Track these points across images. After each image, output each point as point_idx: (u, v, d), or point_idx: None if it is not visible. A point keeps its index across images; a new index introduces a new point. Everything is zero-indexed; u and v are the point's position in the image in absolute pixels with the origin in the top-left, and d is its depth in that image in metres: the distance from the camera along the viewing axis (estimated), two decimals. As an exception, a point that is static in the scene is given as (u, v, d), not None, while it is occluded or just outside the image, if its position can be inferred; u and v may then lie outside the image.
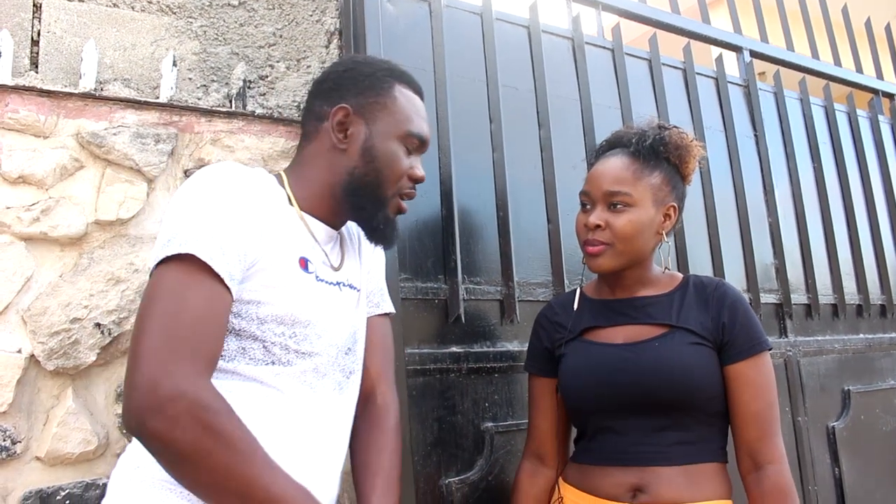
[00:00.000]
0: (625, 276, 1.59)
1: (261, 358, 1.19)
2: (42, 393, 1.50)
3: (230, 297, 1.13)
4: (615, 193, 1.53)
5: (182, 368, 1.03)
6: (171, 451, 1.02)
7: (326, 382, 1.29)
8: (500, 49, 2.23)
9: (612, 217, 1.53)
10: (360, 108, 1.34)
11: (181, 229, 1.11)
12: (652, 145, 1.56)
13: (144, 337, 1.04)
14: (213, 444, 1.02)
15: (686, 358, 1.48)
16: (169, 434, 1.00)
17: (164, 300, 1.07)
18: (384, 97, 1.35)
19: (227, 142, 1.76)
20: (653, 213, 1.54)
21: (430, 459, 1.81)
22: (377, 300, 1.51)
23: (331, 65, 1.47)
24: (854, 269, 3.11)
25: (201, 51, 1.82)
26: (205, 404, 1.03)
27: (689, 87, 2.73)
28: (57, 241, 1.54)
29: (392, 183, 1.35)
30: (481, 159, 2.12)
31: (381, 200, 1.35)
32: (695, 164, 1.62)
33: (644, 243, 1.55)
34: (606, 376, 1.52)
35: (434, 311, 1.92)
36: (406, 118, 1.36)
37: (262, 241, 1.19)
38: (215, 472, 1.03)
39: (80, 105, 1.61)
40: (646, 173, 1.55)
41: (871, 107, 3.52)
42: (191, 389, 1.02)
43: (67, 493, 1.47)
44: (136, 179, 1.64)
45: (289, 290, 1.22)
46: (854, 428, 2.79)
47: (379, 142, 1.34)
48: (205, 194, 1.16)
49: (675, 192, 1.59)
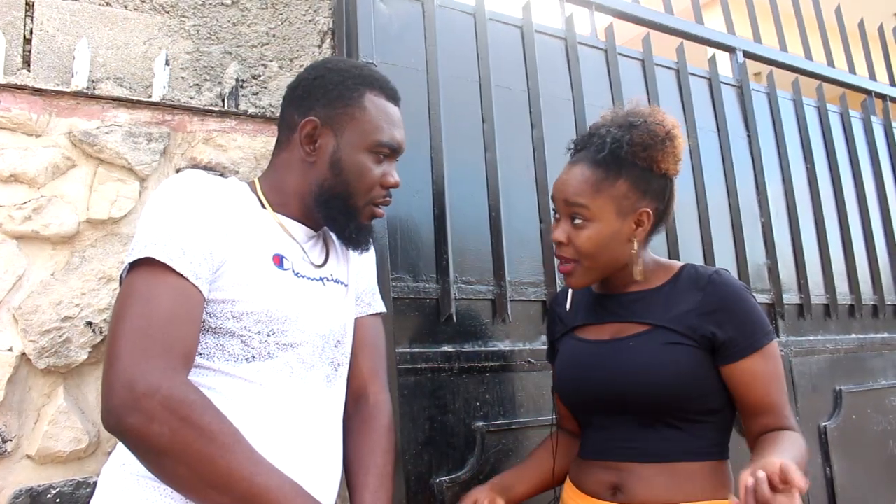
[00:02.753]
0: (614, 275, 1.54)
1: (240, 354, 1.20)
2: (33, 391, 1.50)
3: (200, 294, 1.15)
4: (573, 205, 1.47)
5: (156, 365, 1.05)
6: (149, 447, 1.04)
7: (315, 374, 1.29)
8: (493, 49, 2.23)
9: (574, 232, 1.47)
10: (329, 119, 1.34)
11: (144, 235, 1.15)
12: (613, 151, 1.46)
13: (118, 339, 1.07)
14: (191, 437, 1.03)
15: (658, 358, 1.42)
16: (146, 429, 1.02)
17: (134, 303, 1.10)
18: (352, 107, 1.34)
19: (219, 141, 1.76)
20: (617, 225, 1.46)
21: (422, 458, 1.82)
22: (368, 300, 1.52)
23: (304, 70, 1.45)
24: (846, 269, 3.12)
25: (194, 50, 1.82)
26: (180, 398, 1.04)
27: (683, 88, 2.74)
28: (49, 240, 1.55)
29: (362, 194, 1.35)
30: (474, 159, 2.12)
31: (351, 211, 1.36)
32: (674, 158, 1.49)
33: (612, 254, 1.48)
34: (584, 373, 1.51)
35: (426, 310, 1.93)
36: (375, 128, 1.35)
37: (229, 241, 1.21)
38: (195, 466, 1.04)
39: (73, 104, 1.61)
40: (606, 184, 1.46)
41: (864, 108, 3.52)
42: (165, 385, 1.04)
43: (58, 491, 1.48)
44: (128, 178, 1.64)
45: (262, 287, 1.23)
46: (845, 428, 2.79)
47: (347, 154, 1.34)
48: (167, 200, 1.20)
49: (649, 195, 1.48)
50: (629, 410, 1.44)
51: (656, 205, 1.50)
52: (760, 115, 2.98)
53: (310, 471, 1.22)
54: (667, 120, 1.50)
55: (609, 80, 2.53)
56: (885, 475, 2.88)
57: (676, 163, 1.51)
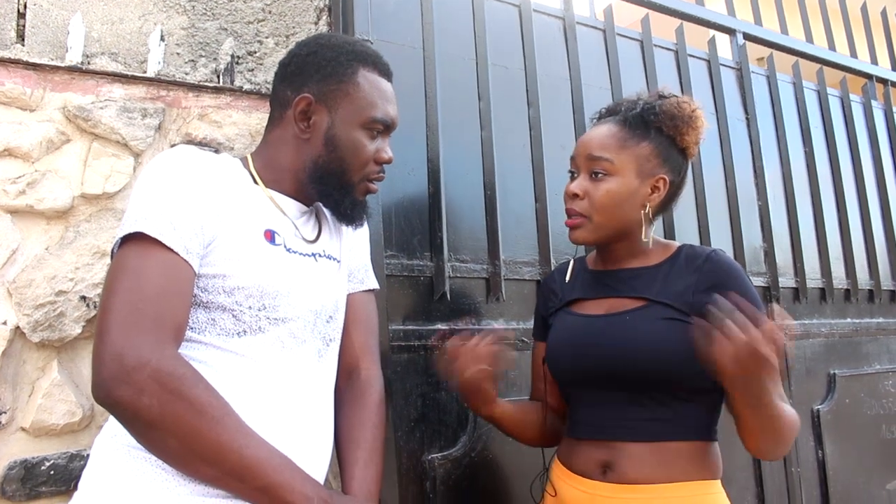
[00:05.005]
0: (615, 248, 1.55)
1: (231, 328, 1.21)
2: (27, 364, 1.50)
3: (190, 268, 1.16)
4: (597, 159, 1.50)
5: (145, 338, 1.06)
6: (138, 419, 1.05)
7: (307, 349, 1.30)
8: (491, 27, 2.22)
9: (592, 187, 1.49)
10: (323, 95, 1.35)
11: (134, 210, 1.16)
12: (641, 114, 1.52)
13: (108, 313, 1.08)
14: (180, 410, 1.05)
15: (654, 333, 1.42)
16: (135, 402, 1.03)
17: (124, 277, 1.11)
18: (346, 84, 1.35)
19: (214, 117, 1.76)
20: (636, 184, 1.49)
21: (414, 435, 1.82)
22: (361, 276, 1.53)
23: (295, 45, 1.45)
24: (843, 253, 3.12)
25: (189, 26, 1.82)
26: (169, 370, 1.06)
27: (681, 69, 2.73)
28: (43, 214, 1.55)
29: (357, 170, 1.37)
30: (470, 138, 2.12)
31: (346, 187, 1.37)
32: (696, 136, 1.54)
33: (625, 215, 1.50)
34: (577, 348, 1.51)
35: (420, 288, 1.93)
36: (369, 104, 1.36)
37: (220, 216, 1.22)
38: (184, 438, 1.05)
39: (67, 78, 1.61)
40: (632, 142, 1.50)
41: (865, 92, 3.51)
42: (155, 358, 1.05)
43: (52, 463, 1.49)
44: (122, 153, 1.64)
45: (254, 262, 1.24)
46: (839, 411, 2.81)
47: (341, 130, 1.34)
48: (158, 176, 1.21)
49: (668, 164, 1.52)
50: (621, 386, 1.45)
51: (672, 177, 1.53)
52: (759, 98, 2.97)
53: (300, 444, 1.23)
54: (693, 101, 1.56)
55: (607, 61, 2.52)
56: (877, 459, 2.90)
57: (696, 143, 1.56)
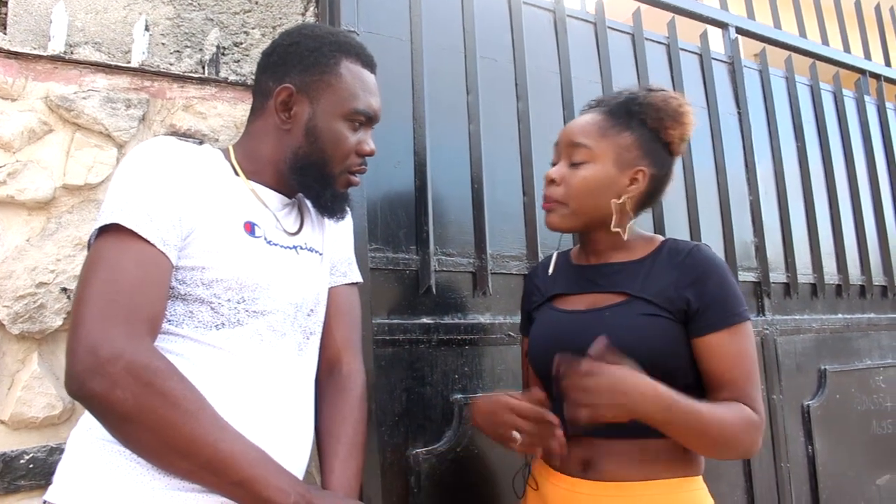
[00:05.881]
0: (595, 239, 1.54)
1: (209, 321, 1.19)
2: (7, 357, 1.49)
3: (167, 260, 1.15)
4: (576, 146, 1.49)
5: (120, 331, 1.05)
6: (112, 412, 1.04)
7: (287, 343, 1.29)
8: (480, 19, 2.20)
9: (570, 173, 1.49)
10: (304, 86, 1.33)
11: (111, 201, 1.15)
12: (625, 103, 1.51)
13: (82, 305, 1.07)
14: (154, 403, 1.04)
15: (634, 330, 1.41)
16: (109, 394, 1.02)
17: (99, 269, 1.10)
18: (329, 74, 1.33)
19: (199, 108, 1.74)
20: (613, 172, 1.48)
21: (398, 430, 1.81)
22: (344, 269, 1.51)
23: (279, 35, 1.43)
24: (834, 248, 3.11)
25: (175, 16, 1.80)
26: (143, 363, 1.04)
27: (673, 63, 2.71)
28: (24, 205, 1.54)
29: (338, 162, 1.35)
30: (457, 130, 2.10)
31: (327, 179, 1.35)
32: (682, 132, 1.51)
33: (599, 203, 1.48)
34: (558, 344, 1.46)
35: (405, 281, 1.92)
36: (351, 95, 1.34)
37: (199, 208, 1.21)
38: (158, 432, 1.04)
39: (50, 68, 1.59)
40: (613, 131, 1.49)
41: (858, 87, 3.50)
42: (129, 349, 1.04)
43: (31, 456, 1.48)
44: (105, 144, 1.63)
45: (232, 254, 1.22)
46: (829, 407, 2.80)
47: (323, 121, 1.33)
48: (136, 167, 1.19)
49: (650, 157, 1.50)
50: None
51: (654, 171, 1.50)
52: (752, 92, 2.96)
53: (279, 439, 1.22)
54: (682, 98, 1.54)
55: (598, 54, 2.51)
56: (867, 455, 2.90)
57: (682, 140, 1.53)
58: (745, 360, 1.40)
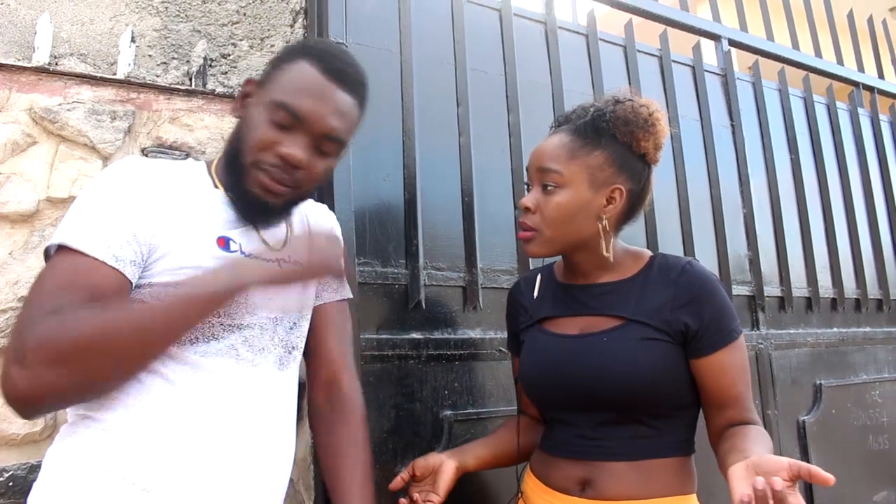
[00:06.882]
0: (578, 261, 1.50)
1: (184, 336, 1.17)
2: (-13, 372, 1.47)
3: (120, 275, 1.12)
4: (546, 171, 1.43)
5: (35, 327, 1.03)
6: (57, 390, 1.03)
7: (266, 357, 1.27)
8: (470, 31, 2.20)
9: (544, 199, 1.44)
10: (262, 81, 1.30)
11: (64, 223, 1.15)
12: (593, 121, 1.44)
13: (17, 325, 1.06)
14: (81, 344, 1.02)
15: (633, 354, 1.39)
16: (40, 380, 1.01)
17: (36, 286, 1.10)
18: (281, 69, 1.28)
19: (186, 120, 1.73)
20: (588, 195, 1.42)
21: (386, 447, 1.79)
22: (336, 285, 1.49)
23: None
24: (829, 262, 3.10)
25: (162, 27, 1.79)
26: (47, 336, 1.02)
27: (665, 75, 2.71)
28: (7, 218, 1.51)
29: (249, 151, 1.23)
30: (447, 143, 2.09)
31: (239, 169, 1.25)
32: (655, 141, 1.46)
33: (578, 228, 1.44)
34: (552, 369, 1.46)
35: (394, 296, 1.90)
36: (283, 89, 1.25)
37: (166, 226, 1.18)
38: (110, 351, 1.04)
39: (34, 79, 1.58)
40: (583, 152, 1.43)
41: (851, 99, 3.50)
42: (42, 334, 1.02)
43: (11, 474, 1.45)
44: (90, 157, 1.61)
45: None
46: (825, 422, 2.78)
47: (253, 107, 1.27)
48: (94, 189, 1.19)
49: (625, 172, 1.44)
50: (600, 408, 1.41)
51: (631, 186, 1.46)
52: (745, 104, 2.95)
53: (254, 456, 1.21)
54: (652, 104, 1.48)
55: (589, 67, 2.50)
56: (863, 470, 2.87)
57: (657, 148, 1.48)
58: (745, 374, 1.42)
